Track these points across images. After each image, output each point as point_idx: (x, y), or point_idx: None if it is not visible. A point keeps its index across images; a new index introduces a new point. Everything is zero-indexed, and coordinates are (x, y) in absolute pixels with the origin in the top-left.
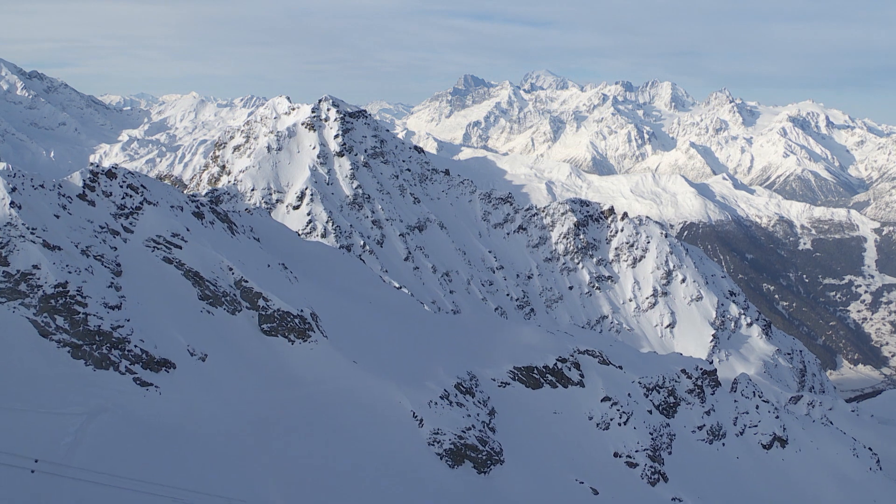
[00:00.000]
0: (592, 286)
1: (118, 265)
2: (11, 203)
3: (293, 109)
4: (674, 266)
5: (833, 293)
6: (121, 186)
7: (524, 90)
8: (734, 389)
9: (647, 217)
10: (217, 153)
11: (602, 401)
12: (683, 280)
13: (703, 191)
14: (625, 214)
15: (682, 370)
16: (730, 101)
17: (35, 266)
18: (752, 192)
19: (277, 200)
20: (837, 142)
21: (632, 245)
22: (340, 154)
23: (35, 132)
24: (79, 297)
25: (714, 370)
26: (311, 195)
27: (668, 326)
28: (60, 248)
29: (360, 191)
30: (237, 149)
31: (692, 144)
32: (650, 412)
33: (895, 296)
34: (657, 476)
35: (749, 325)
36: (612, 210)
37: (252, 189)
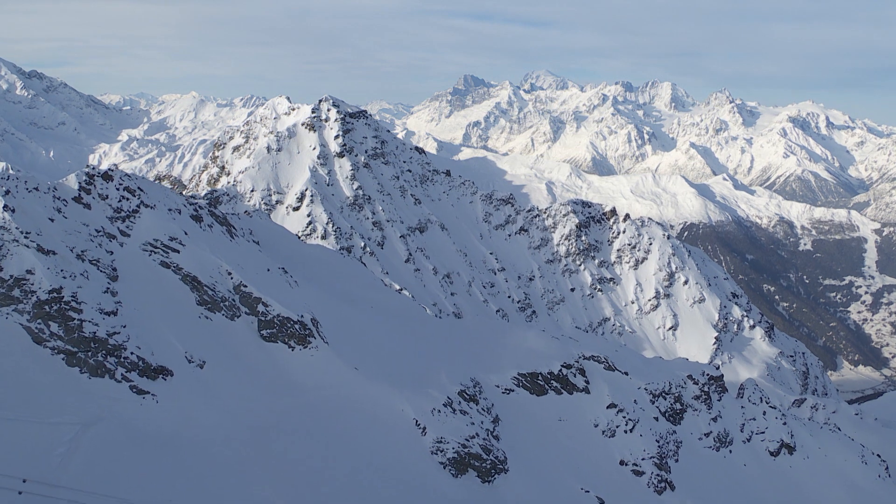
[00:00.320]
0: (594, 288)
1: (114, 270)
2: (5, 206)
3: (293, 110)
4: (676, 268)
5: (833, 294)
6: (117, 189)
7: (524, 90)
8: (741, 395)
9: (650, 218)
10: (216, 154)
11: (608, 408)
12: (686, 282)
13: (704, 191)
14: (627, 216)
15: (689, 376)
16: (730, 102)
17: (29, 271)
18: (753, 193)
19: (277, 201)
20: (837, 142)
21: (634, 247)
22: (341, 155)
23: (34, 132)
24: (74, 303)
25: (721, 375)
26: (312, 196)
27: (671, 329)
28: (55, 253)
29: (361, 192)
30: (237, 149)
31: (692, 145)
32: (656, 419)
33: (895, 297)
34: (664, 484)
35: (752, 328)
36: (614, 211)
37: (252, 190)
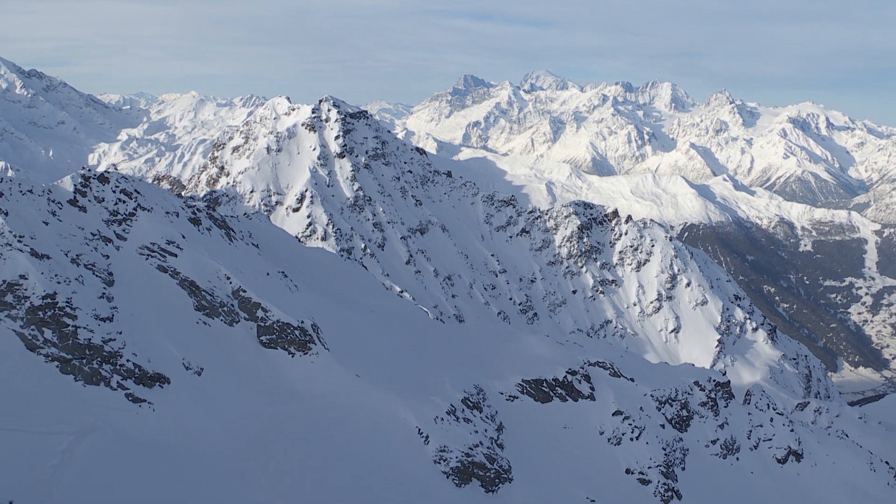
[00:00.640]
0: (596, 290)
1: (110, 274)
2: None
3: (293, 110)
4: (678, 270)
5: (833, 295)
6: (114, 191)
7: (524, 90)
8: (747, 401)
9: (652, 220)
10: (216, 154)
11: (613, 415)
12: (688, 284)
13: (704, 192)
14: (629, 217)
15: (695, 382)
16: (730, 102)
17: (22, 276)
18: (753, 194)
19: (277, 202)
20: (837, 143)
21: (636, 249)
22: (341, 155)
23: (34, 131)
24: (68, 309)
25: (727, 381)
26: (312, 197)
27: (673, 331)
28: (49, 257)
29: (361, 193)
30: (236, 150)
31: (692, 145)
32: (663, 426)
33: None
34: (671, 493)
35: (755, 330)
36: (616, 213)
37: (251, 191)
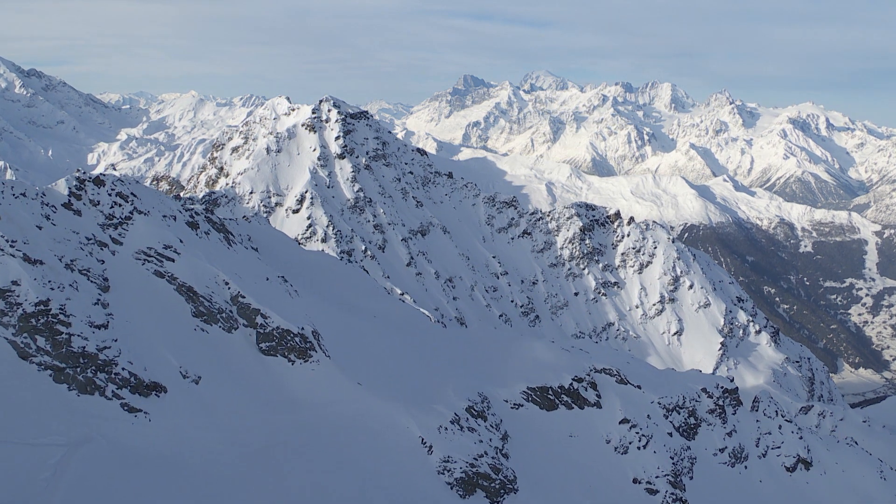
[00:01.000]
0: (598, 292)
1: (105, 280)
2: None
3: (293, 110)
4: (681, 272)
5: (834, 296)
6: (109, 195)
7: (524, 90)
8: (755, 408)
9: (655, 222)
10: (215, 154)
11: (620, 423)
12: (691, 286)
13: (704, 192)
14: (631, 219)
15: (703, 389)
16: (730, 103)
17: (14, 282)
18: (753, 194)
19: (276, 204)
20: (837, 144)
21: (638, 250)
22: (341, 156)
23: (33, 130)
24: (62, 316)
25: (735, 388)
26: (312, 198)
27: (676, 334)
28: (42, 263)
29: (362, 194)
30: (235, 150)
31: (692, 146)
32: (670, 434)
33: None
34: (679, 503)
35: (758, 333)
36: (619, 214)
37: (250, 192)
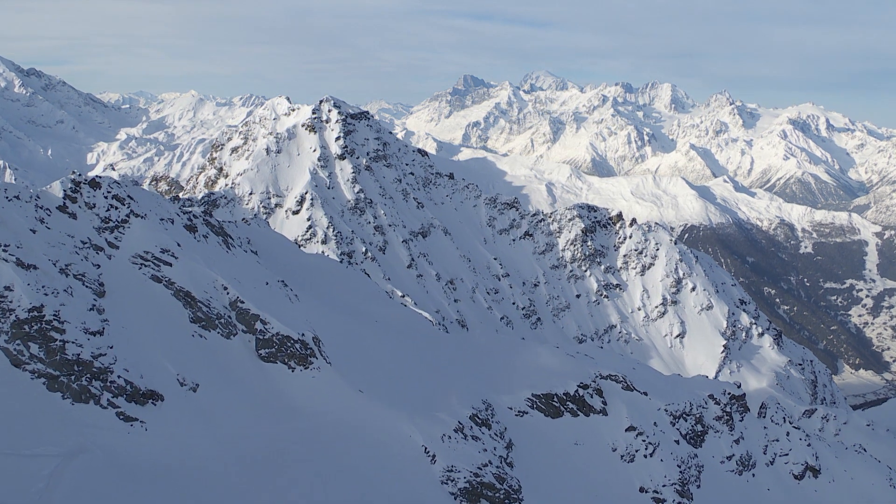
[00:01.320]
0: (600, 294)
1: (101, 285)
2: None
3: (293, 110)
4: (684, 274)
5: (834, 297)
6: (105, 197)
7: (524, 91)
8: (762, 414)
9: (657, 223)
10: (214, 155)
11: (626, 430)
12: (693, 289)
13: (704, 193)
14: (633, 221)
15: (710, 395)
16: (730, 104)
17: (7, 287)
18: (753, 195)
19: (276, 205)
20: (837, 145)
21: (640, 252)
22: (342, 157)
23: (32, 130)
24: (56, 322)
25: (743, 394)
26: (312, 200)
27: (678, 336)
28: (36, 268)
29: (362, 195)
30: (235, 150)
31: (692, 146)
32: (677, 442)
33: None
34: None
35: (760, 335)
36: (621, 216)
37: (250, 193)
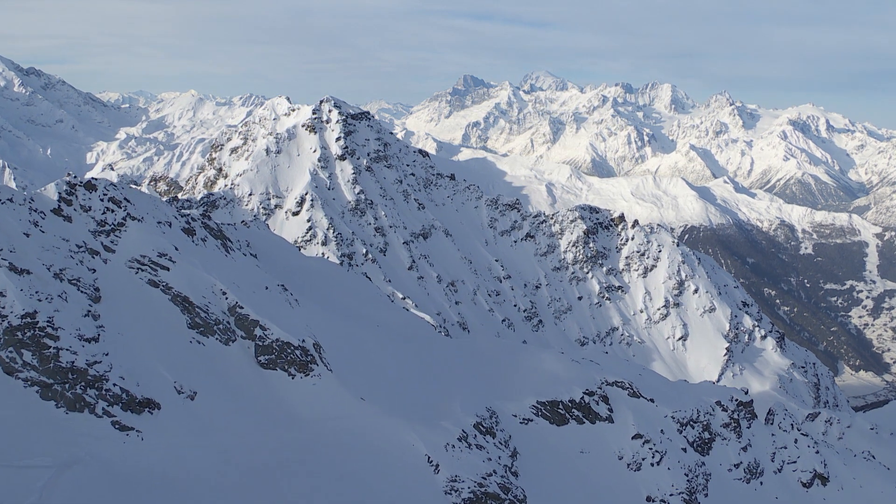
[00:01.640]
0: (602, 297)
1: (96, 290)
2: None
3: (293, 110)
4: (686, 276)
5: (834, 298)
6: (101, 200)
7: (524, 91)
8: (770, 421)
9: (659, 225)
10: (214, 155)
11: (633, 438)
12: (696, 291)
13: (704, 194)
14: (635, 222)
15: (717, 402)
16: (730, 104)
17: None
18: (753, 196)
19: (276, 206)
20: (838, 145)
21: (643, 254)
22: (342, 157)
23: (32, 129)
24: (50, 329)
25: (751, 401)
26: (312, 200)
27: (681, 339)
28: (30, 272)
29: (363, 196)
30: (234, 151)
31: (692, 147)
32: (684, 450)
33: None
34: None
35: (763, 338)
36: (623, 217)
37: (249, 193)
